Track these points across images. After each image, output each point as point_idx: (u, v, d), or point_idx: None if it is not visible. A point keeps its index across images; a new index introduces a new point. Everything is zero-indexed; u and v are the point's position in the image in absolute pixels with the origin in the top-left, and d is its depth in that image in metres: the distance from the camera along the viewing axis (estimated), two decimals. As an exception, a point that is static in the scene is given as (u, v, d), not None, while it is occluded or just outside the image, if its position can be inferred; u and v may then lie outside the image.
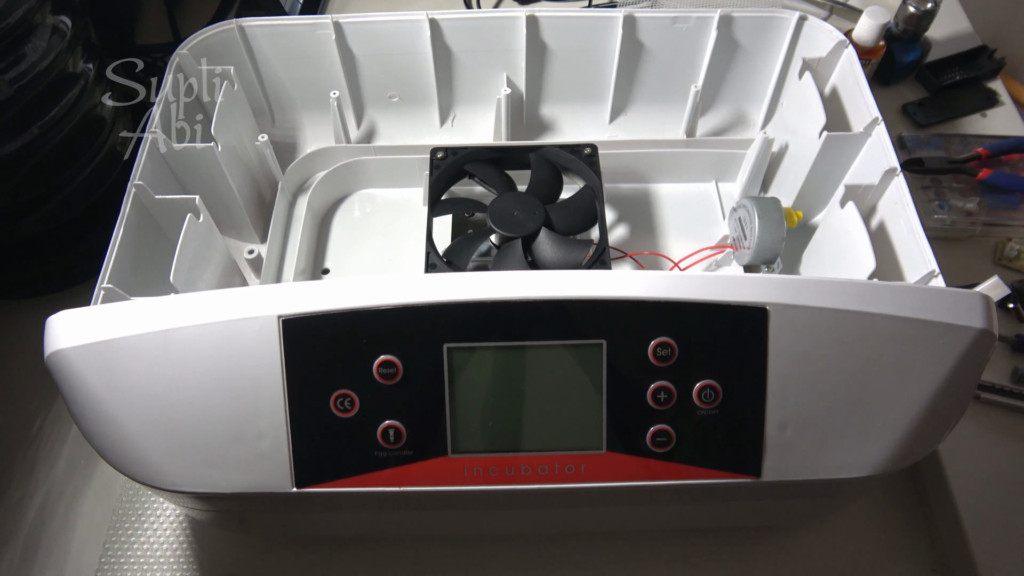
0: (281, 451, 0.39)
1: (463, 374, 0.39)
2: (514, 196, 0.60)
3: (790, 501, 0.48)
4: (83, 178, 0.61)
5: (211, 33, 0.63)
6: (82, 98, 0.59)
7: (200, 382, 0.38)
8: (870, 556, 0.54)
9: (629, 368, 0.39)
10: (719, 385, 0.39)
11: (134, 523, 0.55)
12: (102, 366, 0.38)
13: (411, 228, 0.66)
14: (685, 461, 0.40)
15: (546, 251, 0.57)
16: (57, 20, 0.56)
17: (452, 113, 0.72)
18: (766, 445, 0.39)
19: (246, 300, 0.38)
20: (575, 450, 0.39)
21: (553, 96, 0.71)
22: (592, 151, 0.62)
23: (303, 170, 0.68)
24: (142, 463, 0.39)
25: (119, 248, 0.50)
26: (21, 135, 0.55)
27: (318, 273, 0.64)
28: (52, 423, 0.60)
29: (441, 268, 0.56)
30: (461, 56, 0.68)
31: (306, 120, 0.72)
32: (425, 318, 0.38)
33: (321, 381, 0.38)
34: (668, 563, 0.54)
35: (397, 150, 0.67)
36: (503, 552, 0.54)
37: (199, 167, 0.58)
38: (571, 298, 0.38)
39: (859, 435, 0.39)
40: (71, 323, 0.39)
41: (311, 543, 0.54)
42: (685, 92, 0.68)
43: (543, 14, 0.65)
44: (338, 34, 0.64)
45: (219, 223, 0.57)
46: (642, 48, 0.67)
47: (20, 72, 0.53)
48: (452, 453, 0.39)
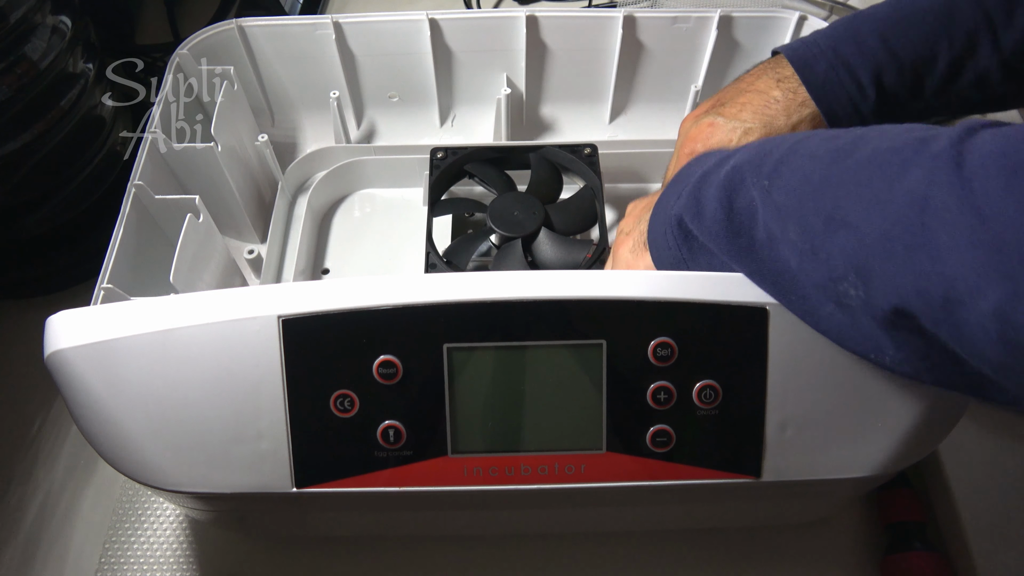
0: (281, 451, 0.39)
1: (463, 374, 0.39)
2: (514, 196, 0.60)
3: (790, 501, 0.48)
4: (83, 178, 0.61)
5: (211, 33, 0.63)
6: (82, 98, 0.59)
7: (200, 382, 0.38)
8: (869, 556, 0.54)
9: (629, 368, 0.39)
10: (719, 385, 0.39)
11: (134, 523, 0.55)
12: (102, 366, 0.38)
13: (411, 228, 0.66)
14: (685, 461, 0.40)
15: (546, 251, 0.57)
16: (57, 20, 0.56)
17: (452, 113, 0.72)
18: (766, 445, 0.39)
19: (246, 300, 0.38)
20: (575, 450, 0.39)
21: (553, 96, 0.71)
22: (592, 151, 0.63)
23: (303, 170, 0.68)
24: (142, 463, 0.39)
25: (119, 248, 0.50)
26: (21, 135, 0.55)
27: (318, 273, 0.64)
28: (52, 423, 0.60)
29: (441, 268, 0.56)
30: (461, 56, 0.68)
31: (306, 120, 0.72)
32: (425, 318, 0.38)
33: (321, 381, 0.38)
34: (668, 563, 0.54)
35: (397, 150, 0.67)
36: (503, 552, 0.54)
37: (199, 167, 0.58)
38: (571, 298, 0.38)
39: (859, 435, 0.39)
40: (71, 323, 0.39)
41: (311, 543, 0.54)
42: (685, 92, 0.68)
43: (543, 14, 0.65)
44: (338, 34, 0.64)
45: (219, 223, 0.57)
46: (642, 48, 0.67)
47: (20, 72, 0.53)
48: (452, 453, 0.39)
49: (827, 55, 0.48)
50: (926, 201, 0.27)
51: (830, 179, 0.31)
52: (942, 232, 0.27)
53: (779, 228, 0.34)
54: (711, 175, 0.38)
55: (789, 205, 0.33)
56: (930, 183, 0.27)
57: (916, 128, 0.31)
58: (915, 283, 0.28)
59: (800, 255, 0.33)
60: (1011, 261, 0.25)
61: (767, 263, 0.35)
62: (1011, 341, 0.26)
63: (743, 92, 0.50)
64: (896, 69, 0.46)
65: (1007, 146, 0.26)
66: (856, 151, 0.31)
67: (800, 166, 0.33)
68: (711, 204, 0.37)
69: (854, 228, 0.30)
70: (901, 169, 0.29)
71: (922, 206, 0.27)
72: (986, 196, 0.26)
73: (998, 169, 0.26)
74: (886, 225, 0.29)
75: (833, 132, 0.34)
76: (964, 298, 0.26)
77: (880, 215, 0.29)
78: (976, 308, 0.26)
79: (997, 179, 0.26)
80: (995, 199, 0.25)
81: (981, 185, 0.26)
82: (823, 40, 0.48)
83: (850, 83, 0.47)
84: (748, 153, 0.37)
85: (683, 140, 0.53)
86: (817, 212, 0.31)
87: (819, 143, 0.33)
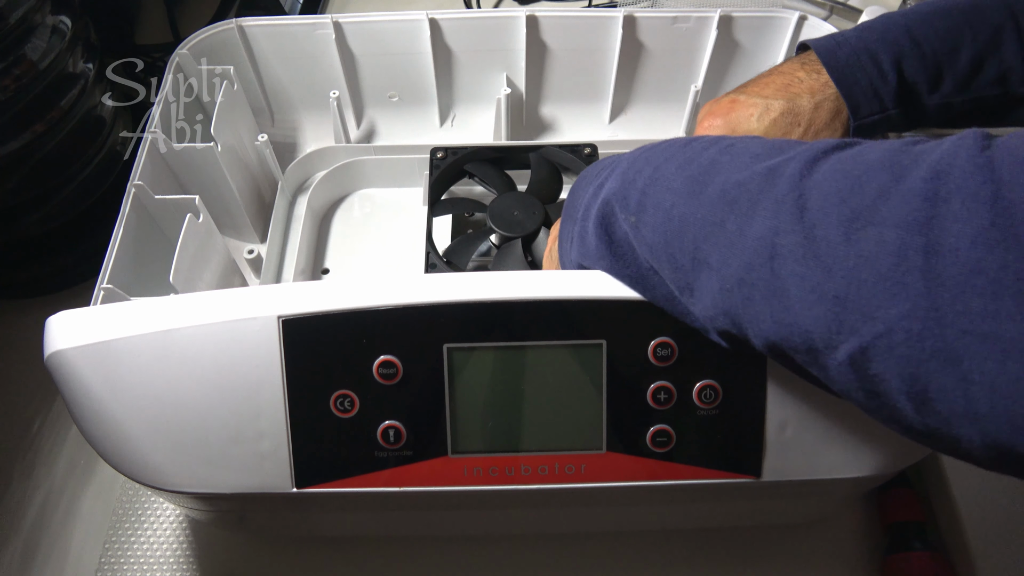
0: (281, 451, 0.39)
1: (463, 374, 0.39)
2: (514, 196, 0.60)
3: (790, 501, 0.48)
4: (83, 178, 0.61)
5: (211, 33, 0.63)
6: (82, 98, 0.59)
7: (200, 382, 0.38)
8: (869, 556, 0.54)
9: (629, 368, 0.39)
10: (719, 385, 0.39)
11: (134, 523, 0.55)
12: (102, 366, 0.38)
13: (411, 228, 0.66)
14: (685, 461, 0.40)
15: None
16: (57, 20, 0.56)
17: (452, 113, 0.72)
18: (766, 445, 0.39)
19: (246, 300, 0.38)
20: (575, 450, 0.39)
21: (553, 96, 0.71)
22: (592, 151, 0.63)
23: (303, 170, 0.68)
24: (142, 463, 0.39)
25: (119, 248, 0.50)
26: (21, 135, 0.55)
27: (318, 273, 0.64)
28: (52, 423, 0.60)
29: (441, 268, 0.56)
30: (461, 56, 0.68)
31: (306, 120, 0.72)
32: (425, 318, 0.38)
33: (321, 381, 0.38)
34: (668, 563, 0.54)
35: (397, 150, 0.67)
36: (503, 552, 0.54)
37: (199, 167, 0.58)
38: (571, 298, 0.38)
39: (859, 435, 0.39)
40: (71, 323, 0.39)
41: (311, 543, 0.54)
42: (685, 92, 0.68)
43: (543, 14, 0.65)
44: (338, 34, 0.64)
45: (219, 223, 0.57)
46: (642, 48, 0.67)
47: (20, 72, 0.53)
48: (452, 453, 0.39)
49: (851, 42, 0.48)
50: (774, 249, 0.27)
51: (687, 217, 0.31)
52: (791, 283, 0.26)
53: (656, 264, 0.34)
54: (591, 207, 0.38)
55: (657, 243, 0.33)
56: (776, 231, 0.27)
57: (762, 154, 0.30)
58: (777, 331, 0.28)
59: (680, 290, 0.33)
60: (855, 314, 0.25)
61: (657, 290, 0.35)
62: (868, 390, 0.26)
63: (767, 75, 0.50)
64: (918, 57, 0.46)
65: (846, 185, 0.26)
66: (709, 183, 0.31)
67: (660, 202, 0.33)
68: (592, 239, 0.37)
69: (715, 270, 0.30)
70: (750, 210, 0.28)
71: (771, 254, 0.27)
72: (827, 246, 0.25)
73: (838, 218, 0.25)
74: (741, 271, 0.28)
75: (689, 154, 0.33)
76: (820, 347, 0.26)
77: (736, 259, 0.29)
78: (834, 357, 0.26)
79: (837, 228, 0.25)
80: (836, 249, 0.25)
81: (823, 234, 0.26)
82: (850, 32, 0.49)
83: (871, 67, 0.47)
84: (615, 183, 0.36)
85: (703, 116, 0.52)
86: (683, 251, 0.31)
87: (675, 171, 0.33)
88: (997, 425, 0.22)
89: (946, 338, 0.23)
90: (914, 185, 0.24)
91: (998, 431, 0.22)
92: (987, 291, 0.22)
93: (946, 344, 0.23)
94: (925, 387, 0.24)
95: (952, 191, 0.23)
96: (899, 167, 0.25)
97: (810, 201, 0.26)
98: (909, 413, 0.25)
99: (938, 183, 0.23)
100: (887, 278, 0.24)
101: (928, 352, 0.23)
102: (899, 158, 0.25)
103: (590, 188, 0.39)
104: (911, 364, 0.24)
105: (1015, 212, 0.22)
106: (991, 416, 0.22)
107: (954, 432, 0.24)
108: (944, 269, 0.22)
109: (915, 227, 0.23)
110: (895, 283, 0.24)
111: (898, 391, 0.24)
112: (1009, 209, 0.22)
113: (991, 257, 0.22)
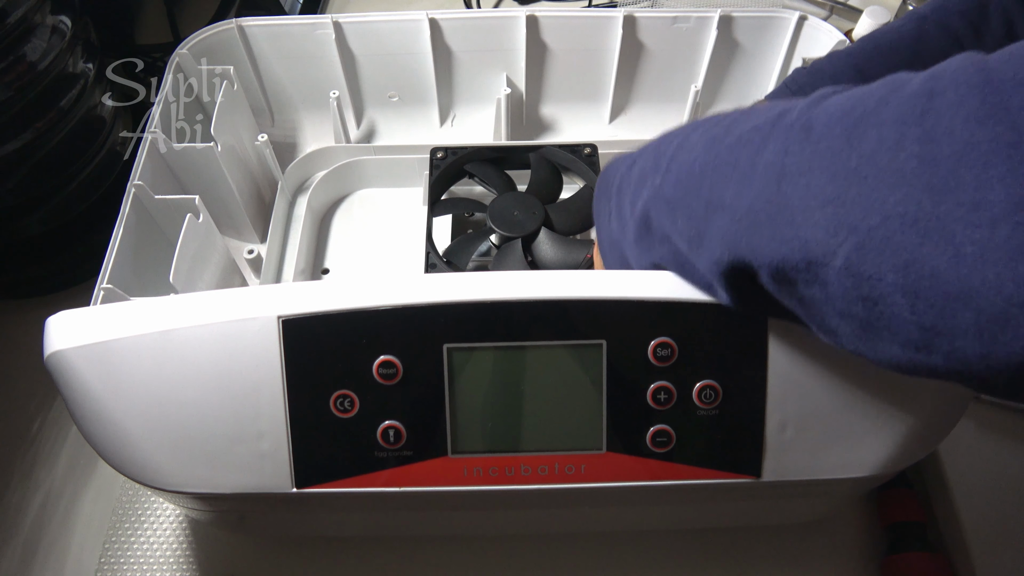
0: (281, 451, 0.39)
1: (463, 374, 0.39)
2: (514, 196, 0.60)
3: (790, 501, 0.48)
4: (83, 178, 0.61)
5: (211, 33, 0.63)
6: (82, 98, 0.59)
7: (200, 382, 0.38)
8: (869, 556, 0.54)
9: (629, 368, 0.39)
10: (719, 385, 0.39)
11: (134, 523, 0.55)
12: (102, 366, 0.38)
13: (411, 228, 0.66)
14: (685, 461, 0.40)
15: (546, 251, 0.57)
16: (57, 20, 0.56)
17: (452, 113, 0.72)
18: (766, 445, 0.39)
19: (246, 300, 0.38)
20: (575, 450, 0.39)
21: (553, 96, 0.71)
22: (592, 151, 0.63)
23: (303, 170, 0.68)
24: (142, 463, 0.39)
25: (119, 248, 0.50)
26: (21, 135, 0.55)
27: (318, 273, 0.64)
28: (52, 423, 0.60)
29: (441, 268, 0.56)
30: (461, 56, 0.68)
31: (306, 120, 0.72)
32: (425, 318, 0.38)
33: (321, 381, 0.38)
34: (668, 563, 0.54)
35: (397, 150, 0.67)
36: (503, 552, 0.54)
37: (199, 167, 0.58)
38: (571, 298, 0.38)
39: (859, 435, 0.39)
40: (71, 323, 0.39)
41: (311, 543, 0.54)
42: (685, 92, 0.68)
43: (543, 14, 0.65)
44: (338, 34, 0.64)
45: (219, 223, 0.57)
46: (642, 48, 0.67)
47: (20, 72, 0.53)
48: (452, 453, 0.39)
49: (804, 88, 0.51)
50: (783, 169, 0.28)
51: (707, 166, 0.33)
52: (795, 197, 0.27)
53: (670, 225, 0.35)
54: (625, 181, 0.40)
55: (676, 197, 0.34)
56: (785, 152, 0.28)
57: (777, 104, 0.32)
58: (779, 250, 0.28)
59: (689, 244, 0.34)
60: (855, 212, 0.25)
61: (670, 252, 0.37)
62: (866, 296, 0.26)
63: None
64: None
65: (849, 104, 0.27)
66: (727, 135, 0.32)
67: (685, 159, 0.35)
68: (627, 211, 0.39)
69: (728, 208, 0.31)
70: (762, 144, 0.30)
71: (779, 175, 0.28)
72: (831, 153, 0.27)
73: (842, 128, 0.27)
74: (751, 199, 0.30)
75: (717, 118, 0.35)
76: (820, 258, 0.27)
77: (747, 191, 0.30)
78: (833, 267, 0.26)
79: (840, 137, 0.26)
80: (839, 154, 0.26)
81: (827, 145, 0.27)
82: (802, 75, 0.52)
83: None
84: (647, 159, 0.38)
85: None
86: (699, 198, 0.33)
87: (700, 136, 0.35)
88: (989, 300, 0.22)
89: (940, 216, 0.23)
90: (912, 88, 0.25)
91: (991, 307, 0.22)
92: (979, 162, 0.22)
93: (940, 222, 0.23)
94: (919, 274, 0.24)
95: (947, 85, 0.24)
96: (899, 82, 0.26)
97: (816, 122, 0.28)
98: (906, 315, 0.25)
99: (933, 82, 0.25)
100: (885, 169, 0.25)
101: (922, 234, 0.24)
102: (899, 77, 0.27)
103: (622, 167, 0.41)
104: (906, 251, 0.24)
105: (1004, 88, 0.22)
106: (982, 289, 0.22)
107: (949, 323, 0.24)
108: (940, 150, 0.23)
109: (912, 119, 0.24)
110: (892, 172, 0.24)
111: (893, 288, 0.25)
112: (999, 87, 0.23)
113: (983, 131, 0.22)
